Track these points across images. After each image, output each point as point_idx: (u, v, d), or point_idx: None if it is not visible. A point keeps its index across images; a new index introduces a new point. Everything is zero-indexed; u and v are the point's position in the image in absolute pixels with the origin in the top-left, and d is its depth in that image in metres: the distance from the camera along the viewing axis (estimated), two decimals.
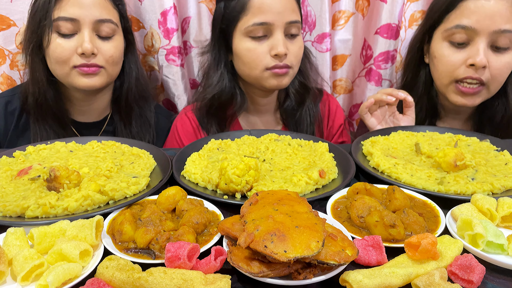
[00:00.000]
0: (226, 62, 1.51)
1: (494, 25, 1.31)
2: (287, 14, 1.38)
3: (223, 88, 1.50)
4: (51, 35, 1.32)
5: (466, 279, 0.69)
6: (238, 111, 1.55)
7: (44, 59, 1.39)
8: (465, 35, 1.36)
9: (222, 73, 1.51)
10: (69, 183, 0.95)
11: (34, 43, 1.35)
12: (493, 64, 1.35)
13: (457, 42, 1.38)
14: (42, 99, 1.40)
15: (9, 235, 0.76)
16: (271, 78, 1.44)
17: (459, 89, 1.41)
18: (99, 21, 1.35)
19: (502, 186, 1.00)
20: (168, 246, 0.71)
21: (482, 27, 1.32)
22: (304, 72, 1.57)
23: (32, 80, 1.40)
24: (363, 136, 1.31)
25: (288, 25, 1.39)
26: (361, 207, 0.85)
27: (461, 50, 1.38)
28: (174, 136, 1.57)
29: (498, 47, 1.34)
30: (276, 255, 0.63)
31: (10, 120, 1.48)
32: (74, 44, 1.33)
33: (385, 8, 1.71)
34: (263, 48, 1.40)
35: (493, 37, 1.33)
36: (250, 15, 1.37)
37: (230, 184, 0.96)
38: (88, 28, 1.33)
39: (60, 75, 1.39)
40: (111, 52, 1.39)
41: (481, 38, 1.33)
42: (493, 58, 1.35)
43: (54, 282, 0.65)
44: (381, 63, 1.82)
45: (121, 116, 1.56)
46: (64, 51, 1.33)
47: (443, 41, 1.42)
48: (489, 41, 1.34)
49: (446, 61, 1.41)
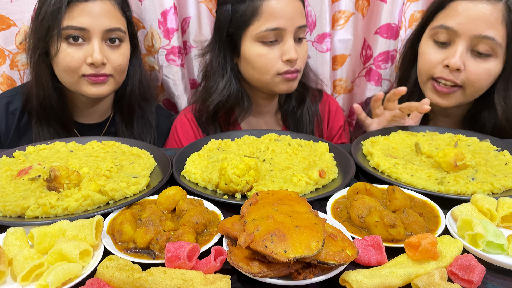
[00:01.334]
0: (233, 67, 1.50)
1: (475, 30, 1.30)
2: (297, 19, 1.38)
3: (231, 93, 1.49)
4: (60, 44, 1.31)
5: (466, 279, 0.69)
6: (243, 116, 1.54)
7: (51, 65, 1.38)
8: (447, 36, 1.36)
9: (229, 78, 1.49)
10: (69, 183, 0.95)
11: (41, 49, 1.33)
12: (470, 69, 1.34)
13: (440, 42, 1.39)
14: (47, 102, 1.40)
15: (9, 235, 0.76)
16: (282, 83, 1.44)
17: (434, 88, 1.42)
18: (108, 30, 1.34)
19: (502, 186, 1.00)
20: (168, 246, 0.71)
21: (463, 30, 1.32)
22: (304, 72, 1.57)
23: (36, 84, 1.39)
24: (363, 136, 1.31)
25: (298, 30, 1.40)
26: (361, 207, 0.85)
27: (442, 50, 1.39)
28: (174, 137, 1.57)
29: (480, 53, 1.33)
30: (276, 255, 0.63)
31: (11, 121, 1.48)
32: (83, 54, 1.33)
33: (385, 8, 1.71)
34: (275, 53, 1.39)
35: (473, 41, 1.32)
36: (263, 20, 1.36)
37: (230, 184, 0.96)
38: (97, 38, 1.33)
39: (68, 82, 1.39)
40: (119, 61, 1.39)
41: (461, 40, 1.33)
42: (471, 62, 1.34)
43: (54, 282, 0.65)
44: (381, 63, 1.82)
45: (123, 118, 1.56)
46: (74, 61, 1.32)
47: (429, 39, 1.43)
48: (469, 45, 1.33)
49: (426, 58, 1.43)
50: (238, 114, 1.53)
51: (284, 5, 1.36)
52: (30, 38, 1.38)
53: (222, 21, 1.44)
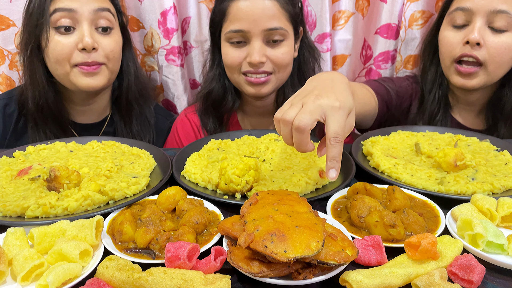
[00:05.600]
0: (219, 63, 1.53)
1: (490, 5, 1.35)
2: (264, 22, 1.35)
3: (214, 86, 1.53)
4: (50, 32, 1.31)
5: (466, 279, 0.69)
6: (230, 109, 1.57)
7: (43, 61, 1.37)
8: (464, 17, 1.40)
9: (215, 73, 1.54)
10: (69, 183, 0.95)
11: (33, 44, 1.33)
12: (489, 44, 1.37)
13: (458, 24, 1.42)
14: (43, 102, 1.39)
15: (9, 235, 0.76)
16: (247, 86, 1.45)
17: (458, 70, 1.44)
18: (97, 10, 1.33)
19: (502, 186, 1.00)
20: (168, 246, 0.71)
21: (478, 8, 1.36)
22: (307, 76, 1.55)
23: (31, 84, 1.38)
24: (363, 136, 1.31)
25: (268, 32, 1.37)
26: (361, 207, 0.85)
27: (461, 31, 1.42)
28: (174, 138, 1.57)
29: (496, 28, 1.37)
30: (276, 255, 0.63)
31: (8, 123, 1.47)
32: (73, 40, 1.32)
33: (385, 8, 1.71)
34: (240, 54, 1.41)
35: (489, 17, 1.36)
36: (228, 22, 1.39)
37: (230, 184, 0.96)
38: (86, 21, 1.32)
39: (60, 75, 1.37)
40: (111, 47, 1.38)
41: (477, 17, 1.37)
42: (490, 37, 1.37)
43: (54, 282, 0.65)
44: (381, 63, 1.82)
45: (122, 115, 1.56)
46: (64, 48, 1.31)
47: (447, 25, 1.47)
48: (485, 21, 1.37)
49: (446, 42, 1.46)
50: (224, 111, 1.56)
51: (248, 7, 1.34)
52: (21, 36, 1.38)
53: (210, 21, 1.50)
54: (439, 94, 1.57)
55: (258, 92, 1.44)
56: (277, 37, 1.39)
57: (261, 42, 1.38)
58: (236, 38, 1.39)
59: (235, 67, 1.43)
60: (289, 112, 0.82)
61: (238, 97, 1.58)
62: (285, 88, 1.53)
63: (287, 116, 0.82)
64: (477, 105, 1.57)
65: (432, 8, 1.74)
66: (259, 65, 1.39)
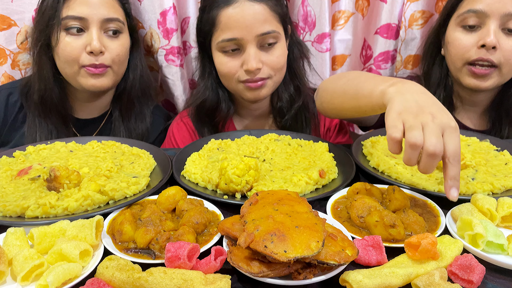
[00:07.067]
0: (210, 72, 1.50)
1: (504, 8, 1.34)
2: (257, 27, 1.33)
3: (207, 97, 1.50)
4: (60, 33, 1.35)
5: (466, 279, 0.69)
6: (225, 116, 1.54)
7: (52, 58, 1.41)
8: (477, 19, 1.38)
9: (207, 82, 1.51)
10: (69, 183, 0.95)
11: (43, 41, 1.37)
12: (504, 46, 1.36)
13: (469, 26, 1.41)
14: (48, 95, 1.43)
15: (9, 235, 0.76)
16: (246, 91, 1.43)
17: (471, 71, 1.42)
18: (106, 20, 1.38)
19: (502, 186, 1.00)
20: (168, 246, 0.71)
21: (492, 10, 1.35)
22: (298, 73, 1.55)
23: (39, 78, 1.42)
24: (363, 136, 1.31)
25: (261, 37, 1.35)
26: (361, 207, 0.85)
27: (473, 33, 1.41)
28: (171, 141, 1.57)
29: (510, 30, 1.36)
30: (276, 255, 0.63)
31: (10, 112, 1.50)
32: (82, 43, 1.36)
33: (385, 8, 1.71)
34: (235, 62, 1.38)
35: (504, 19, 1.35)
36: (219, 31, 1.35)
37: (230, 184, 0.96)
38: (96, 27, 1.36)
39: (68, 74, 1.41)
40: (118, 51, 1.42)
41: (492, 20, 1.36)
42: (505, 40, 1.37)
43: (54, 282, 0.65)
44: (381, 63, 1.82)
45: (121, 112, 1.57)
46: (73, 50, 1.35)
47: (457, 27, 1.45)
48: (500, 24, 1.36)
49: (458, 44, 1.44)
50: (219, 119, 1.54)
51: (239, 14, 1.32)
52: (33, 32, 1.42)
53: (196, 30, 1.48)
54: (443, 95, 1.56)
55: (257, 96, 1.43)
56: (271, 40, 1.37)
57: (255, 48, 1.36)
58: (230, 47, 1.36)
59: (232, 76, 1.40)
60: (416, 134, 0.82)
61: (232, 103, 1.55)
62: (279, 87, 1.51)
63: (417, 140, 0.81)
64: (481, 106, 1.57)
65: (432, 8, 1.74)
66: (256, 71, 1.37)
